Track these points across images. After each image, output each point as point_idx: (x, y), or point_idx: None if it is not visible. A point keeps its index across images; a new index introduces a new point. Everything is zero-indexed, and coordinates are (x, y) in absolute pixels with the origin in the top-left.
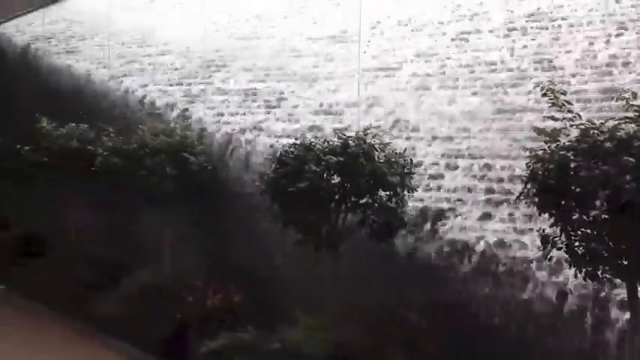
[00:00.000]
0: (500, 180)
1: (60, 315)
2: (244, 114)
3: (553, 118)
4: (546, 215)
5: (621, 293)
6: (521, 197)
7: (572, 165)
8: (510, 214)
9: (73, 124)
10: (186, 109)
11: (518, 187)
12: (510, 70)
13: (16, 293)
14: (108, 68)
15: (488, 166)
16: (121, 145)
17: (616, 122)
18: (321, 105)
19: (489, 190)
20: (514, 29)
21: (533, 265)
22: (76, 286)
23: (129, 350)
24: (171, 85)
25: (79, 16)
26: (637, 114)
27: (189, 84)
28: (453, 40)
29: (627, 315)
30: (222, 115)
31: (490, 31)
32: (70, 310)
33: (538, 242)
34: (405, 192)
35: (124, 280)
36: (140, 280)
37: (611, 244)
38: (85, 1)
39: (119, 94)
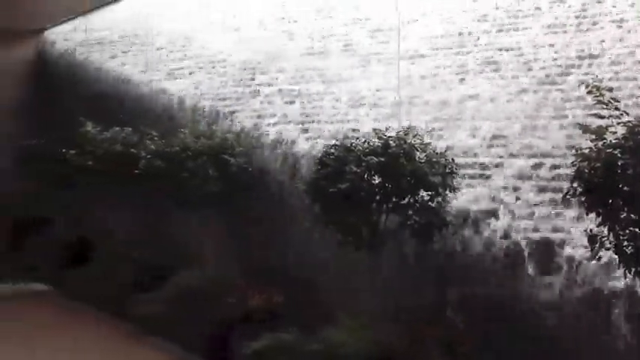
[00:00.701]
0: (546, 179)
1: (104, 315)
2: (283, 115)
3: (599, 116)
4: (594, 214)
5: None
6: (568, 196)
7: (619, 163)
8: (557, 214)
9: (117, 128)
10: (226, 112)
11: (565, 185)
12: (555, 66)
13: (60, 293)
14: (149, 73)
15: (533, 165)
16: (164, 148)
17: None
18: (360, 105)
19: (535, 189)
20: (559, 25)
21: (582, 266)
22: (118, 287)
23: (172, 350)
24: (210, 88)
25: (120, 22)
26: None
27: (228, 86)
28: (496, 33)
29: None
30: (260, 116)
31: (535, 27)
32: (113, 310)
33: (586, 242)
34: (447, 192)
35: (166, 282)
36: (182, 281)
37: None
38: (127, 9)
39: (160, 98)
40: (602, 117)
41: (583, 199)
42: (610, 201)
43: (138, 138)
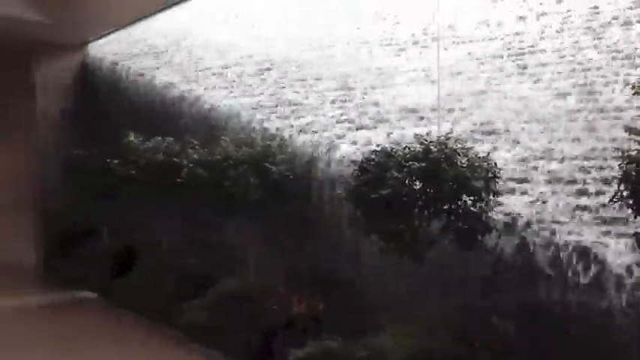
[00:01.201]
0: (591, 182)
1: (149, 322)
2: (323, 122)
3: None
4: None
5: None
6: (615, 199)
7: None
8: (601, 217)
9: (159, 138)
10: (266, 119)
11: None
12: (601, 68)
13: (108, 301)
14: (190, 82)
15: (578, 168)
16: (206, 157)
17: None
18: (400, 110)
19: (580, 193)
20: (604, 25)
21: (629, 271)
22: (163, 295)
23: (214, 356)
24: (251, 97)
25: (161, 33)
26: None
27: (268, 94)
28: (541, 37)
29: None
30: (300, 123)
31: (580, 29)
32: (158, 317)
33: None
34: (490, 196)
35: (209, 289)
36: (225, 288)
37: None
38: (167, 20)
39: (202, 107)
40: None
41: (630, 202)
42: None
43: (180, 147)
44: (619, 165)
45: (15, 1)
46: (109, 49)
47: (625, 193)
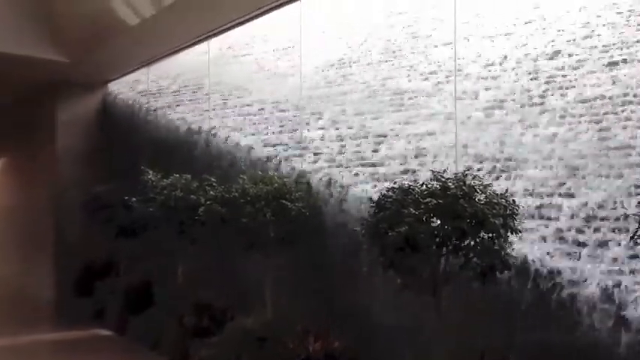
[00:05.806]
0: (614, 219)
1: (165, 359)
2: (339, 159)
3: None
4: None
5: None
6: (636, 237)
7: None
8: (618, 257)
9: (177, 175)
10: (283, 157)
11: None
12: (613, 98)
13: (124, 337)
14: (208, 120)
15: (595, 206)
16: (223, 194)
17: None
18: (417, 148)
19: (597, 230)
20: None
21: None
22: (179, 331)
23: None
24: (267, 134)
25: (180, 72)
26: None
27: (286, 132)
28: (558, 72)
29: None
30: (317, 161)
31: (596, 62)
32: (173, 354)
33: None
34: (509, 234)
35: (226, 325)
36: (241, 325)
37: None
38: (186, 59)
39: (219, 145)
40: None
41: None
42: None
43: (197, 184)
44: (639, 202)
45: (38, 43)
46: (130, 87)
47: None
